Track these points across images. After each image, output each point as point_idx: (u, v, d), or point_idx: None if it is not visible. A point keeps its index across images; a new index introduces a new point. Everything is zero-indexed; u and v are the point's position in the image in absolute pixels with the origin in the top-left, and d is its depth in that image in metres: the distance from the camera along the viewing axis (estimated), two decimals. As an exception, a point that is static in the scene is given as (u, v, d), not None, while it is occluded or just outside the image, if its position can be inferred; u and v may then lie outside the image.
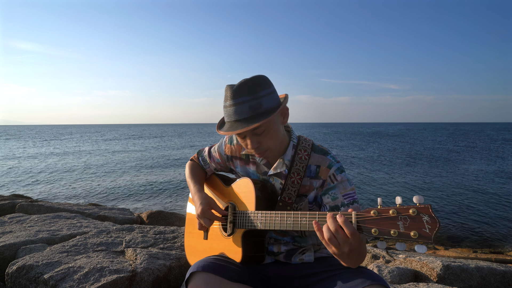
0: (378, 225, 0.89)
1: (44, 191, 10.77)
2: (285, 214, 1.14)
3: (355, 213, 0.94)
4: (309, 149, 1.29)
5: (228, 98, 1.16)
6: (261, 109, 1.14)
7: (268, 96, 1.16)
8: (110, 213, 3.65)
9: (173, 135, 57.79)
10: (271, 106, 1.16)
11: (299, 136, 1.35)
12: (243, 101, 1.13)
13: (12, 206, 3.75)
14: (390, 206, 0.90)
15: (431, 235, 0.81)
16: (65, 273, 1.56)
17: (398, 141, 35.66)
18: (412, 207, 0.86)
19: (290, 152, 1.28)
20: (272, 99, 1.17)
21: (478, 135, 48.95)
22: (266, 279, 1.28)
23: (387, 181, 12.00)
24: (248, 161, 1.40)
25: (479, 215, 7.62)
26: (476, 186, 11.03)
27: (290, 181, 1.26)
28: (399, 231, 0.86)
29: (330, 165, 1.24)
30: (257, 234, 1.29)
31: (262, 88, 1.15)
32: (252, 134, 1.19)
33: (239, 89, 1.14)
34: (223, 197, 1.44)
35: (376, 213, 0.91)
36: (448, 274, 2.19)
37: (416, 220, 0.84)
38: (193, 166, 1.57)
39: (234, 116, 1.15)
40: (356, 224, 0.93)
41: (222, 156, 1.48)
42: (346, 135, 54.24)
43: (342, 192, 1.21)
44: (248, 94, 1.13)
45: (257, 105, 1.13)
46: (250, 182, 1.29)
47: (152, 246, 2.00)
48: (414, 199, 0.85)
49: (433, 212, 0.83)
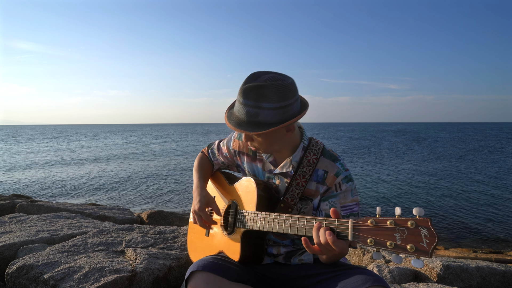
0: (375, 235, 0.87)
1: (44, 190, 10.77)
2: (283, 217, 1.13)
3: (352, 221, 0.93)
4: (318, 152, 1.27)
5: (239, 91, 1.14)
6: (255, 119, 1.10)
7: (270, 110, 1.09)
8: (110, 213, 3.65)
9: (175, 134, 57.77)
10: (269, 120, 1.10)
11: (311, 138, 1.32)
12: (245, 103, 1.11)
13: (12, 206, 3.75)
14: (388, 217, 0.88)
15: (428, 249, 0.78)
16: (65, 273, 1.56)
17: (402, 138, 35.52)
18: (411, 219, 0.83)
19: (299, 154, 1.27)
20: (276, 114, 1.10)
21: (480, 134, 48.96)
22: (265, 279, 1.28)
23: (388, 178, 12.01)
24: (255, 158, 1.39)
25: (479, 215, 7.62)
26: (476, 186, 11.03)
27: (295, 183, 1.25)
28: (396, 243, 0.83)
29: (338, 173, 1.22)
30: (257, 235, 1.29)
31: (269, 100, 1.08)
32: (248, 137, 1.19)
33: (248, 90, 1.10)
34: (226, 195, 1.45)
35: (374, 222, 0.88)
36: (448, 274, 2.19)
37: (414, 233, 0.81)
38: (201, 159, 1.58)
39: (237, 113, 1.16)
40: (352, 232, 0.92)
41: (230, 151, 1.48)
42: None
43: (342, 202, 1.21)
44: (253, 100, 1.09)
45: (254, 114, 1.10)
46: (252, 182, 1.29)
47: (152, 246, 2.00)
48: (414, 211, 0.82)
49: (432, 226, 0.80)
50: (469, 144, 31.06)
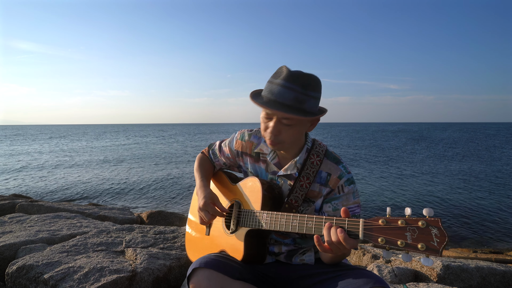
0: (386, 234, 0.89)
1: (43, 190, 10.77)
2: (291, 216, 1.13)
3: (363, 220, 0.94)
4: (322, 154, 1.28)
5: (280, 77, 1.14)
6: (303, 105, 1.13)
7: (314, 99, 1.15)
8: (110, 213, 3.65)
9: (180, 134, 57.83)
10: (312, 108, 1.15)
11: (314, 140, 1.34)
12: (293, 88, 1.11)
13: (12, 206, 3.75)
14: (399, 217, 0.90)
15: (439, 248, 0.81)
16: (65, 273, 1.56)
17: (403, 137, 35.60)
18: (422, 219, 0.85)
19: (303, 156, 1.28)
20: (316, 104, 1.17)
21: (479, 134, 48.98)
22: (267, 278, 1.28)
23: (388, 178, 12.02)
24: (258, 159, 1.39)
25: (479, 215, 7.62)
26: (476, 186, 11.03)
27: (299, 184, 1.25)
28: (407, 241, 0.85)
29: (340, 176, 1.23)
30: (260, 234, 1.29)
31: (313, 89, 1.14)
32: (279, 121, 1.17)
33: (296, 76, 1.12)
34: (228, 194, 1.45)
35: (385, 222, 0.90)
36: (448, 274, 2.19)
37: (425, 232, 0.84)
38: (202, 159, 1.57)
39: (277, 95, 1.13)
40: (363, 231, 0.93)
41: (232, 151, 1.48)
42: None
43: (344, 204, 1.22)
44: (300, 86, 1.11)
45: (302, 100, 1.12)
46: (257, 181, 1.29)
47: (152, 246, 2.00)
48: (424, 211, 0.85)
49: (442, 226, 0.82)
50: (470, 143, 31.09)
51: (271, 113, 1.17)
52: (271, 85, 1.16)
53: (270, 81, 1.18)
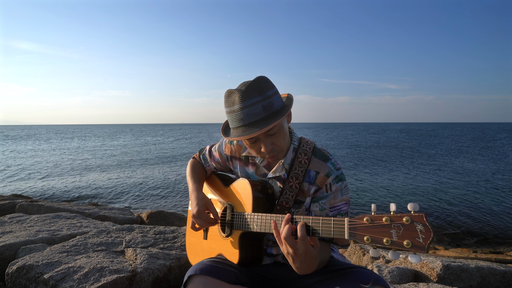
0: (371, 233, 0.87)
1: (43, 190, 10.77)
2: (280, 218, 1.10)
3: (348, 219, 0.92)
4: (309, 152, 1.26)
5: (236, 102, 1.11)
6: (273, 108, 1.11)
7: (275, 95, 1.15)
8: (110, 213, 3.65)
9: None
10: (280, 105, 1.15)
11: (301, 138, 1.32)
12: (254, 102, 1.09)
13: (12, 206, 3.75)
14: (384, 214, 0.87)
15: (424, 245, 0.78)
16: (65, 273, 1.56)
17: (406, 138, 35.70)
18: (406, 215, 0.82)
19: (290, 155, 1.26)
20: (279, 98, 1.16)
21: (480, 134, 48.96)
22: (265, 280, 1.28)
23: (390, 178, 12.02)
24: (248, 163, 1.39)
25: (479, 215, 7.61)
26: (476, 186, 11.03)
27: (288, 186, 1.24)
28: (392, 239, 0.83)
29: (329, 174, 1.21)
30: (255, 236, 1.28)
31: (268, 89, 1.13)
32: (265, 136, 1.15)
33: (248, 91, 1.09)
34: (222, 197, 1.44)
35: (369, 220, 0.88)
36: (448, 274, 2.19)
37: (410, 228, 0.81)
38: (194, 164, 1.57)
39: (246, 119, 1.10)
40: (348, 231, 0.91)
41: (222, 156, 1.48)
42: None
43: (331, 203, 1.20)
44: (258, 94, 1.10)
45: (269, 105, 1.11)
46: (247, 184, 1.27)
47: (152, 246, 2.00)
48: (409, 206, 0.82)
49: (427, 221, 0.79)
50: (470, 143, 31.07)
51: (255, 136, 1.14)
52: (234, 115, 1.12)
53: (230, 111, 1.13)
